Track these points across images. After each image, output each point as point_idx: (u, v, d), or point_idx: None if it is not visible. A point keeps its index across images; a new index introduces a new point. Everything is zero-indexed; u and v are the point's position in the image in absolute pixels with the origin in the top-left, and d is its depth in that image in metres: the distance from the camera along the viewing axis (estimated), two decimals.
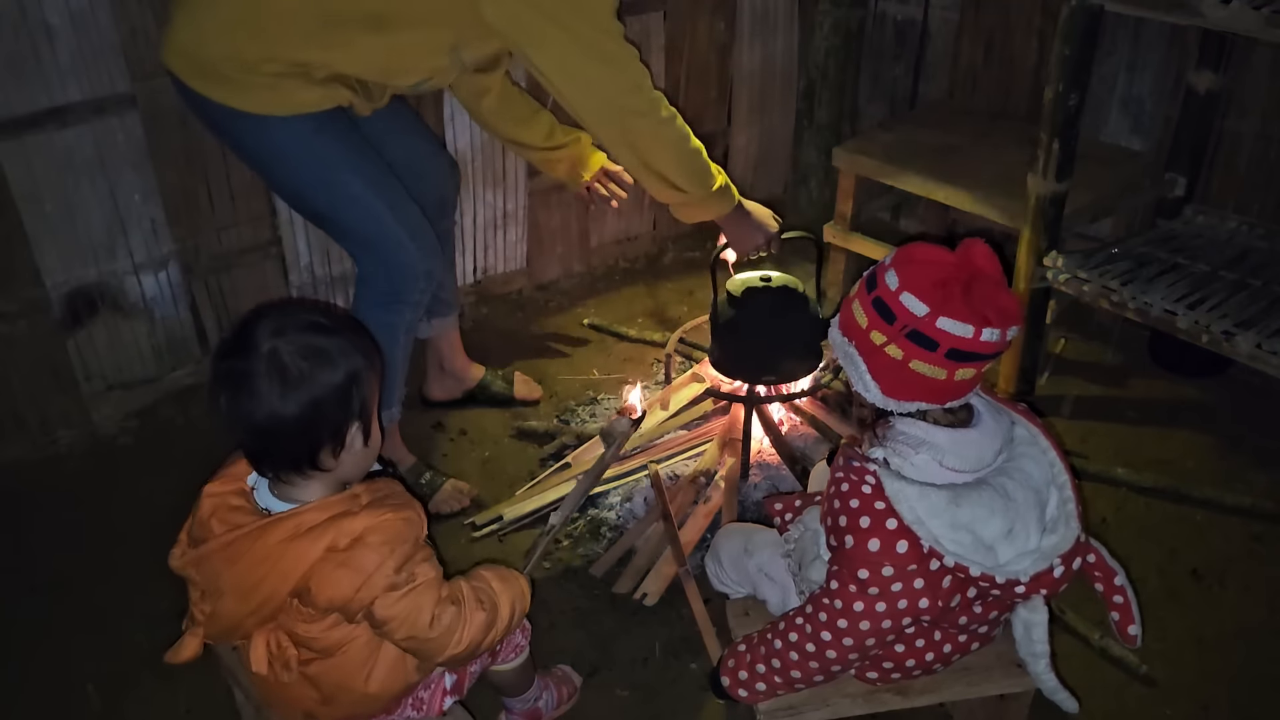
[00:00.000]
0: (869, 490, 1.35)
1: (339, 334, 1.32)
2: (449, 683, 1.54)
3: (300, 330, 1.29)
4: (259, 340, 1.27)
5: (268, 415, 1.27)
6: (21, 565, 2.17)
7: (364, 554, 1.29)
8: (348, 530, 1.29)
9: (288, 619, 1.35)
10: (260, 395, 1.26)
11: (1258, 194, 2.67)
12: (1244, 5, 1.84)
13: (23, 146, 2.21)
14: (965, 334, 1.30)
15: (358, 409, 1.33)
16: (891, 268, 1.35)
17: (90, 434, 2.51)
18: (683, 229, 3.38)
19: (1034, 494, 1.37)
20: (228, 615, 1.34)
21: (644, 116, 1.88)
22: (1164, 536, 2.26)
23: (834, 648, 1.41)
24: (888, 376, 1.35)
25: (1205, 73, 2.44)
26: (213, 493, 1.37)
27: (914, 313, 1.30)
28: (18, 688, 1.92)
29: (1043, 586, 1.36)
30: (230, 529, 1.31)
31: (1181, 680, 1.94)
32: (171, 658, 1.41)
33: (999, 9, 3.02)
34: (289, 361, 1.27)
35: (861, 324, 1.36)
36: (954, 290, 1.30)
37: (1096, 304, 2.28)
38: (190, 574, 1.36)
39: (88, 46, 2.22)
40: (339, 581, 1.29)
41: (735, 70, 3.29)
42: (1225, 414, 2.61)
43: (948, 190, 2.63)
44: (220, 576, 1.32)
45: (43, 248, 2.32)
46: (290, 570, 1.28)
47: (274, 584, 1.29)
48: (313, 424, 1.29)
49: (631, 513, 2.28)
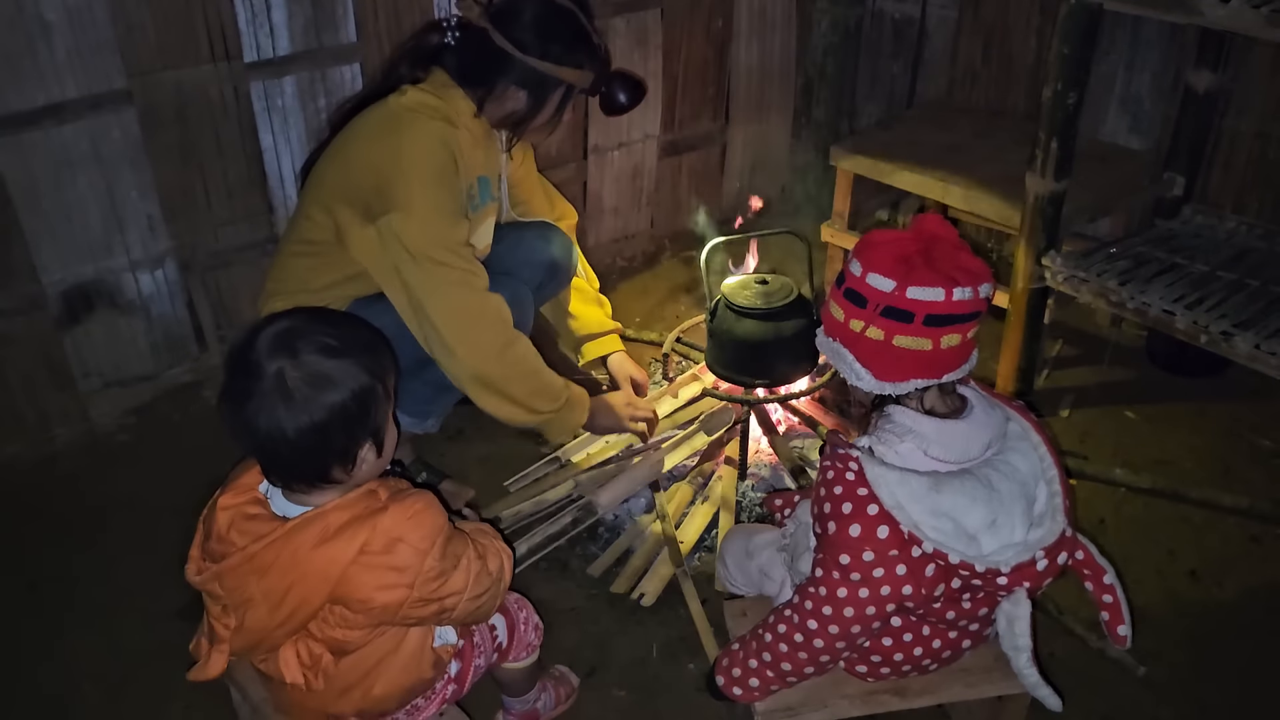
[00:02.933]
0: (852, 477, 1.37)
1: (348, 355, 1.29)
2: (453, 670, 1.54)
3: (310, 351, 1.27)
4: (266, 360, 1.25)
5: (271, 436, 1.26)
6: (19, 563, 2.17)
7: (407, 554, 1.29)
8: (382, 530, 1.28)
9: (323, 626, 1.33)
10: (266, 414, 1.25)
11: (1256, 193, 2.67)
12: (1243, 4, 1.84)
13: (19, 143, 2.20)
14: (937, 298, 1.33)
15: (368, 429, 1.31)
16: (854, 257, 1.39)
17: (88, 431, 2.51)
18: (680, 228, 3.38)
19: (1020, 487, 1.38)
20: (257, 628, 1.31)
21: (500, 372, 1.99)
22: (1162, 537, 2.26)
23: (820, 636, 1.41)
24: (876, 360, 1.38)
25: (1204, 72, 2.44)
26: (227, 505, 1.34)
27: (883, 290, 1.34)
28: (16, 686, 1.92)
29: (1025, 579, 1.37)
30: (253, 539, 1.29)
31: (1179, 681, 1.94)
32: (196, 676, 1.38)
33: (998, 7, 3.02)
34: (294, 386, 1.25)
35: (839, 318, 1.40)
36: (916, 260, 1.34)
37: (1095, 304, 2.28)
38: (212, 589, 1.32)
39: (84, 43, 2.21)
40: (389, 585, 1.28)
41: (733, 68, 3.28)
42: (1223, 414, 2.61)
43: (945, 189, 2.63)
44: (248, 588, 1.29)
45: (39, 245, 2.31)
46: (323, 575, 1.27)
47: (306, 591, 1.28)
48: (318, 447, 1.28)
49: (629, 513, 2.28)
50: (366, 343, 1.34)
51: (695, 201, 3.39)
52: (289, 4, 2.41)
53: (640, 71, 3.06)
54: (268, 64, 2.43)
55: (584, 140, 3.06)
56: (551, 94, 2.01)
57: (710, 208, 3.25)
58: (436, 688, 1.52)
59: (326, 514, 1.28)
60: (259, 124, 2.49)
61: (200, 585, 1.34)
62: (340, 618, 1.32)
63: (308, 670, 1.36)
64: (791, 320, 2.15)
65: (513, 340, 1.99)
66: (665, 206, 3.35)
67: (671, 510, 2.23)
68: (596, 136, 3.07)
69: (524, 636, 1.65)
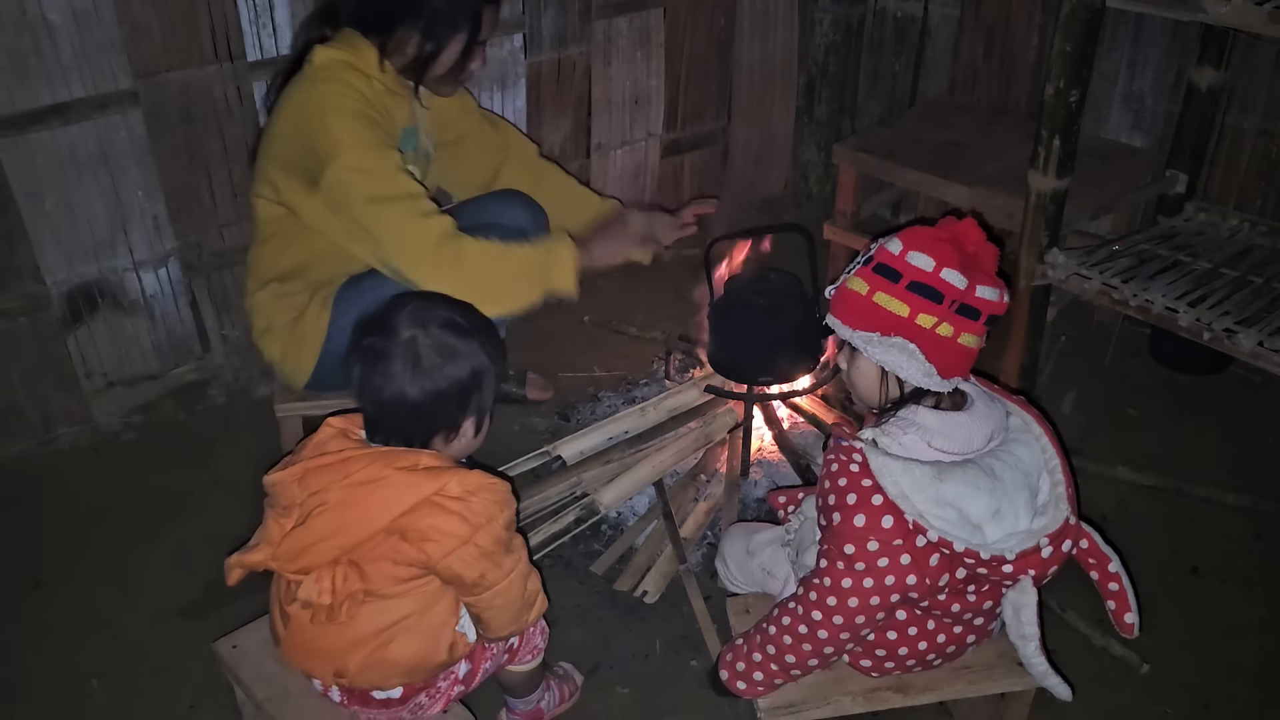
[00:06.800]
0: (856, 468, 1.37)
1: (473, 336, 1.44)
2: (462, 672, 1.55)
3: (440, 325, 1.42)
4: (402, 326, 1.40)
5: (394, 395, 1.39)
6: (24, 562, 2.17)
7: (480, 505, 1.37)
8: (463, 481, 1.36)
9: (369, 554, 1.37)
10: (392, 376, 1.39)
11: (1259, 191, 2.67)
12: (1246, 1, 1.84)
13: (25, 143, 2.21)
14: (995, 298, 1.36)
15: (476, 406, 1.44)
16: (912, 249, 1.35)
17: (91, 430, 2.52)
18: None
19: (1023, 477, 1.38)
20: (316, 533, 1.36)
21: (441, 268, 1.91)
22: (1165, 534, 2.26)
23: (825, 627, 1.41)
24: (944, 356, 1.37)
25: (1206, 69, 2.44)
26: (335, 424, 1.46)
27: (958, 286, 1.34)
28: (22, 684, 1.92)
29: (1030, 567, 1.37)
30: (354, 444, 1.41)
31: (1182, 678, 1.95)
32: (234, 561, 1.44)
33: (999, 5, 3.02)
34: (424, 353, 1.39)
35: (902, 313, 1.35)
36: (972, 260, 1.36)
37: (1097, 301, 2.28)
38: (288, 487, 1.39)
39: (90, 43, 2.22)
40: (452, 527, 1.35)
41: (735, 67, 3.29)
42: (1226, 412, 2.61)
43: (948, 187, 2.63)
44: (328, 489, 1.36)
45: (44, 244, 2.32)
46: (398, 498, 1.34)
47: (376, 508, 1.34)
48: (432, 412, 1.41)
49: (632, 510, 2.29)
50: (488, 329, 1.50)
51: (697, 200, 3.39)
52: (291, 3, 2.42)
53: (643, 70, 3.07)
54: (271, 63, 2.44)
55: (587, 139, 3.06)
56: (448, 39, 1.98)
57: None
58: (442, 687, 1.52)
59: (420, 453, 1.39)
60: (262, 123, 2.49)
61: (278, 481, 1.40)
62: (391, 549, 1.36)
63: (336, 599, 1.39)
64: (794, 318, 2.15)
65: (462, 236, 1.94)
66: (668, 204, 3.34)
67: (675, 508, 2.23)
68: (599, 135, 3.07)
69: (531, 639, 1.66)
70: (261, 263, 2.07)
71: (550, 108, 2.92)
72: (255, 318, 2.11)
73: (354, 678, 1.43)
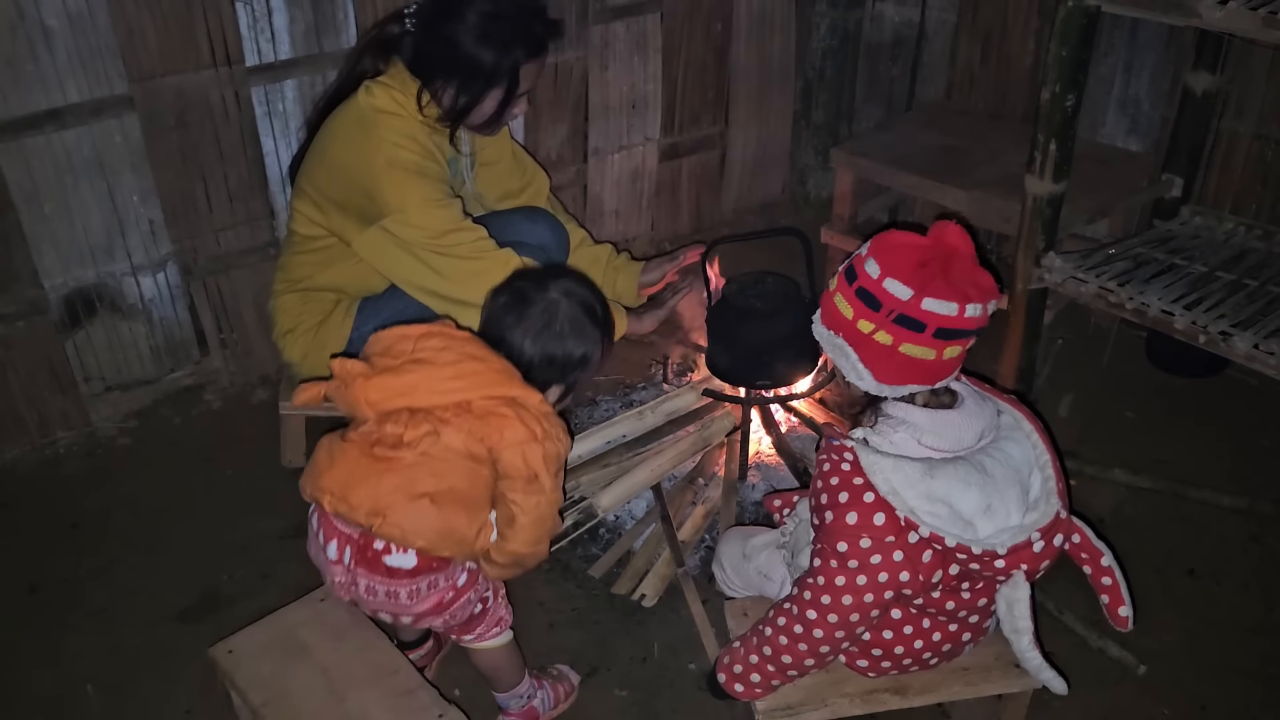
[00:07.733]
0: (847, 467, 1.38)
1: (600, 327, 1.65)
2: (460, 580, 1.59)
3: (581, 304, 1.63)
4: (554, 288, 1.61)
5: (514, 339, 1.58)
6: (20, 565, 2.17)
7: (552, 428, 1.52)
8: (544, 403, 1.53)
9: (448, 418, 1.47)
10: (523, 321, 1.58)
11: (1254, 194, 2.68)
12: (1241, 6, 1.84)
13: (21, 148, 2.21)
14: (950, 312, 1.33)
15: (569, 381, 1.65)
16: (870, 256, 1.38)
17: (89, 435, 2.52)
18: (680, 230, 3.39)
19: (1014, 473, 1.39)
20: (408, 381, 1.47)
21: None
22: (1161, 536, 2.26)
23: (820, 626, 1.42)
24: (879, 363, 1.38)
25: (1202, 73, 2.44)
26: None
27: (899, 297, 1.34)
28: (18, 688, 1.92)
29: (1022, 561, 1.38)
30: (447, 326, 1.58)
31: (1179, 679, 1.95)
32: (307, 388, 1.57)
33: (996, 10, 3.03)
34: (560, 318, 1.59)
35: (847, 315, 1.39)
36: (934, 271, 1.34)
37: (1094, 304, 2.28)
38: (404, 340, 1.51)
39: (86, 48, 2.22)
40: (526, 428, 1.49)
41: (732, 71, 3.29)
42: (1222, 414, 2.62)
43: (945, 191, 2.63)
44: (418, 350, 1.49)
45: (41, 249, 2.32)
46: (494, 382, 1.49)
47: (474, 380, 1.48)
48: (538, 364, 1.59)
49: (630, 514, 2.29)
50: (609, 329, 1.71)
51: (695, 204, 3.40)
52: (290, 8, 2.42)
53: (640, 75, 3.07)
54: (269, 68, 2.44)
55: (584, 144, 3.06)
56: (484, 94, 2.04)
57: (710, 210, 3.26)
58: (441, 584, 1.55)
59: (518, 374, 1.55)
60: (260, 128, 2.50)
61: (401, 335, 1.52)
62: (469, 422, 1.47)
63: (416, 434, 1.47)
64: (792, 322, 2.15)
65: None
66: (665, 209, 3.35)
67: (672, 511, 2.23)
68: (597, 139, 3.07)
69: (495, 609, 1.68)
70: (297, 270, 2.16)
71: (547, 112, 2.93)
72: (279, 318, 2.20)
73: (387, 522, 1.46)
